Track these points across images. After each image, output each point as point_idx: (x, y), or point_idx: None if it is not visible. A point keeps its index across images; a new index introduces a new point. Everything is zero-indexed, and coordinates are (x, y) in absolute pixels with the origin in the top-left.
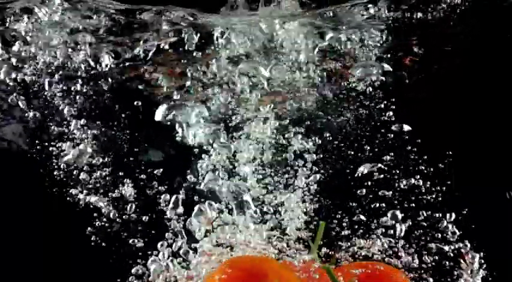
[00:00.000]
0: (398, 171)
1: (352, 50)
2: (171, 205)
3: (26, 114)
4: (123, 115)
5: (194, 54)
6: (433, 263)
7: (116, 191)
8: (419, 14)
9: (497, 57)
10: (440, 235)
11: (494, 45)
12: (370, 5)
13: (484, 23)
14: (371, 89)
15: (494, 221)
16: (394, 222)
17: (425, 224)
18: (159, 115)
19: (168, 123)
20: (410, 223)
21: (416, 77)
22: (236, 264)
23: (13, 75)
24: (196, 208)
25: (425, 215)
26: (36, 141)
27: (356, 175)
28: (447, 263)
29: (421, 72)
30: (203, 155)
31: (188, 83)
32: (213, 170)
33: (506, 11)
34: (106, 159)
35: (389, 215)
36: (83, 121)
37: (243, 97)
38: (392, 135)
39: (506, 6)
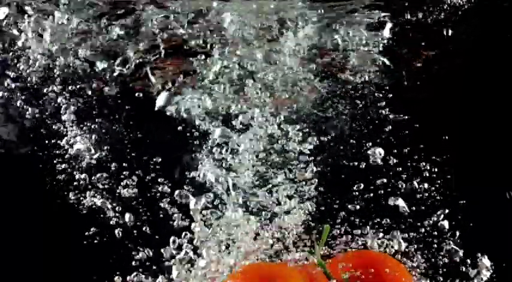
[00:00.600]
0: (397, 172)
1: (350, 47)
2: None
3: (23, 114)
4: (123, 113)
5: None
6: (432, 263)
7: (116, 191)
8: (420, 15)
9: (498, 58)
10: (439, 235)
11: (495, 46)
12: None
13: (485, 23)
14: (371, 89)
15: (494, 221)
16: (391, 222)
17: (424, 224)
18: (160, 102)
19: (168, 112)
20: (409, 223)
21: (417, 77)
22: (248, 272)
23: (11, 76)
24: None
25: (424, 214)
26: (33, 142)
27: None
28: (446, 262)
29: (422, 73)
30: (202, 147)
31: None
32: (210, 161)
33: (506, 11)
34: (106, 159)
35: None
36: (82, 121)
37: (242, 88)
38: (391, 135)
39: (507, 6)
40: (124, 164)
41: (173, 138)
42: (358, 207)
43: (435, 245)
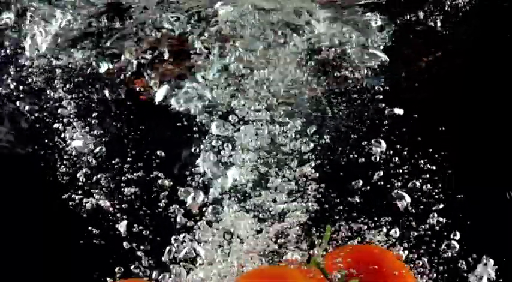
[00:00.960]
0: (397, 172)
1: (350, 46)
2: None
3: (22, 114)
4: (124, 111)
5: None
6: (430, 264)
7: (116, 189)
8: (421, 15)
9: (498, 58)
10: (438, 235)
11: (495, 46)
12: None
13: (485, 24)
14: (370, 89)
15: (494, 221)
16: (390, 222)
17: (423, 224)
18: (159, 96)
19: (168, 105)
20: (409, 223)
21: (417, 77)
22: (254, 276)
23: (11, 76)
24: (189, 197)
25: (423, 215)
26: (32, 141)
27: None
28: (444, 263)
29: (422, 73)
30: (201, 143)
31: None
32: (210, 158)
33: (506, 11)
34: (105, 156)
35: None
36: (81, 119)
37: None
38: (391, 136)
39: (507, 6)
40: (124, 162)
41: (172, 134)
42: (358, 203)
43: (434, 245)
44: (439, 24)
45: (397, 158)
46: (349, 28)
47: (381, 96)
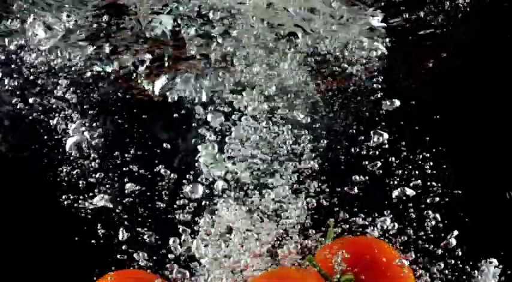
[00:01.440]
0: (397, 171)
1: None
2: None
3: (20, 114)
4: (123, 108)
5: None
6: (428, 264)
7: (116, 186)
8: (422, 15)
9: (498, 58)
10: (438, 235)
11: (495, 46)
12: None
13: (485, 24)
14: (370, 89)
15: (494, 221)
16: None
17: (424, 224)
18: (158, 88)
19: (168, 97)
20: (408, 223)
21: (417, 78)
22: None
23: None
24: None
25: (423, 214)
26: (30, 140)
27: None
28: (443, 264)
29: (421, 74)
30: (201, 139)
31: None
32: (209, 155)
33: (506, 11)
34: (104, 154)
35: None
36: (79, 117)
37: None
38: (390, 134)
39: (507, 6)
40: (124, 159)
41: (171, 131)
42: (357, 199)
43: (433, 246)
44: (439, 24)
45: (396, 158)
46: (349, 27)
47: (380, 95)
